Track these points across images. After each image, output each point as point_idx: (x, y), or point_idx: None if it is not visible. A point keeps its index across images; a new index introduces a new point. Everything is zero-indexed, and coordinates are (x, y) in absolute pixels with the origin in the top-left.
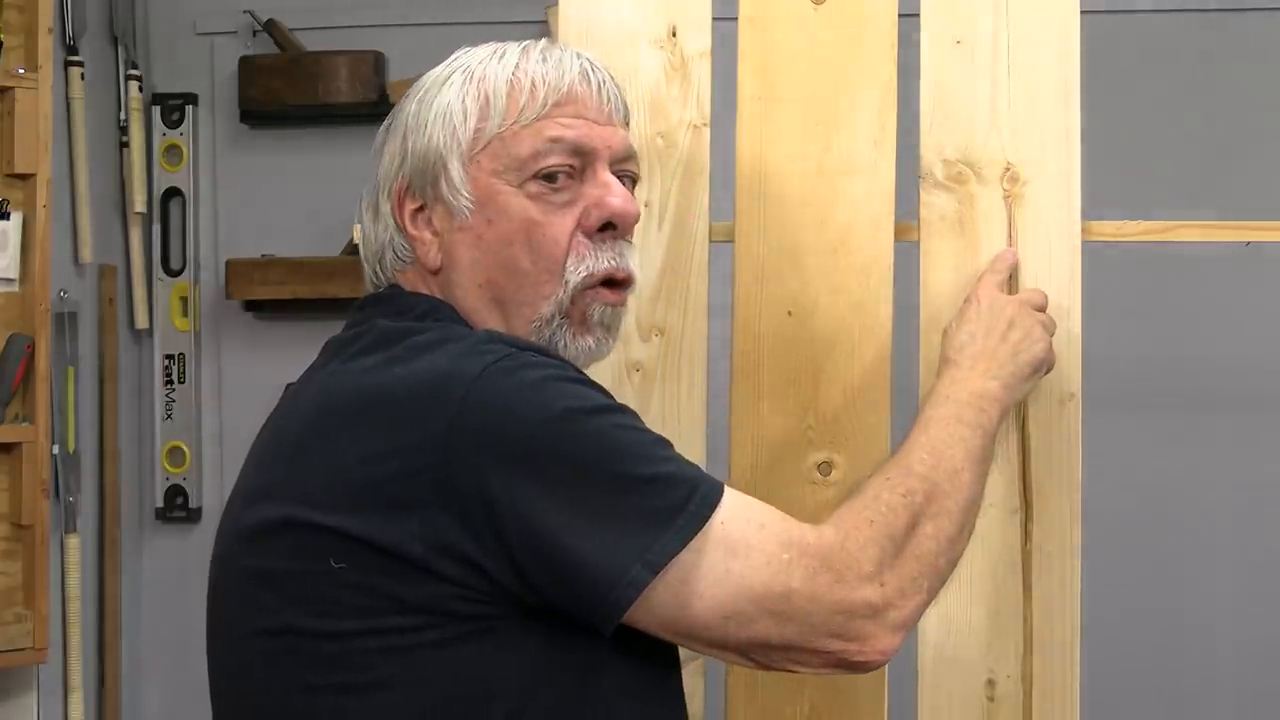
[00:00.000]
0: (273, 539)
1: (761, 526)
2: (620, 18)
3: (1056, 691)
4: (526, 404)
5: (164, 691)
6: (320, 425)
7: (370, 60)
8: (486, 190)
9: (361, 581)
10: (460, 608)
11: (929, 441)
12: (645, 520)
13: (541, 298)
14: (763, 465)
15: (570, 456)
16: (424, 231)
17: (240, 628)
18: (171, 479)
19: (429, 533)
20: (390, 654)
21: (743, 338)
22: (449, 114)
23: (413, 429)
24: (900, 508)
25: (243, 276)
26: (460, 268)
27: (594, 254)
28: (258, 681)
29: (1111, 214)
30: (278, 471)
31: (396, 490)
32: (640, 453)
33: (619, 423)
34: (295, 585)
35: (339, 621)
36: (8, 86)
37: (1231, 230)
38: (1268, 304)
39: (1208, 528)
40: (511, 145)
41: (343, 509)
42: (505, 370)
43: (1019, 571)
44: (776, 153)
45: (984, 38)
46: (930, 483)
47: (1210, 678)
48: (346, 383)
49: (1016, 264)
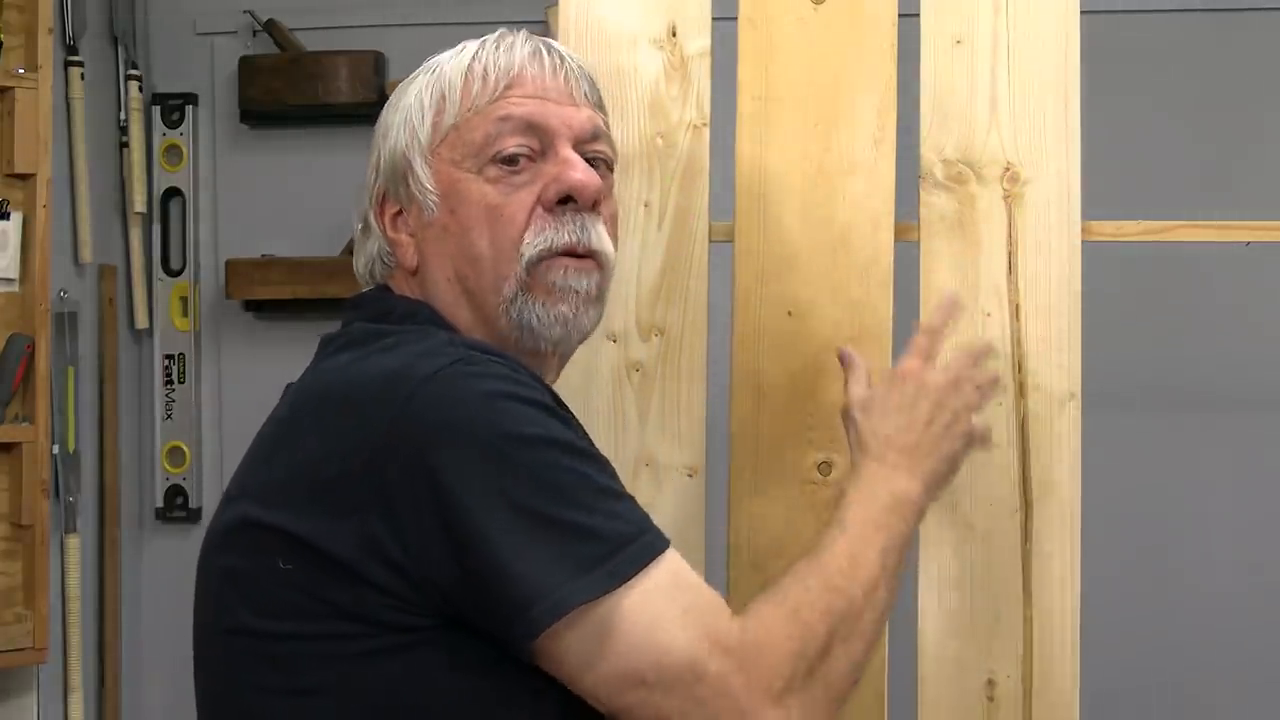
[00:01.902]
0: (236, 537)
1: (685, 611)
2: (620, 18)
3: (1056, 691)
4: (472, 412)
5: (164, 691)
6: (289, 424)
7: (370, 60)
8: (448, 181)
9: (305, 584)
10: (392, 618)
11: (849, 548)
12: (560, 564)
13: (502, 279)
14: (763, 465)
15: (499, 480)
16: (401, 234)
17: (209, 626)
18: (171, 479)
19: (362, 537)
20: (330, 660)
21: (743, 338)
22: (409, 113)
23: (358, 429)
24: (819, 626)
25: (243, 276)
26: (431, 263)
27: (553, 226)
28: (221, 680)
29: (1111, 214)
30: (253, 471)
31: (338, 491)
32: (568, 496)
33: (553, 460)
34: (249, 585)
35: (285, 623)
36: (8, 86)
37: (1231, 230)
38: (1268, 304)
39: (1208, 528)
40: (466, 133)
41: (291, 508)
42: (458, 375)
43: (1019, 571)
44: (776, 153)
45: (984, 38)
46: (848, 599)
47: (1210, 678)
48: (317, 382)
49: (954, 313)
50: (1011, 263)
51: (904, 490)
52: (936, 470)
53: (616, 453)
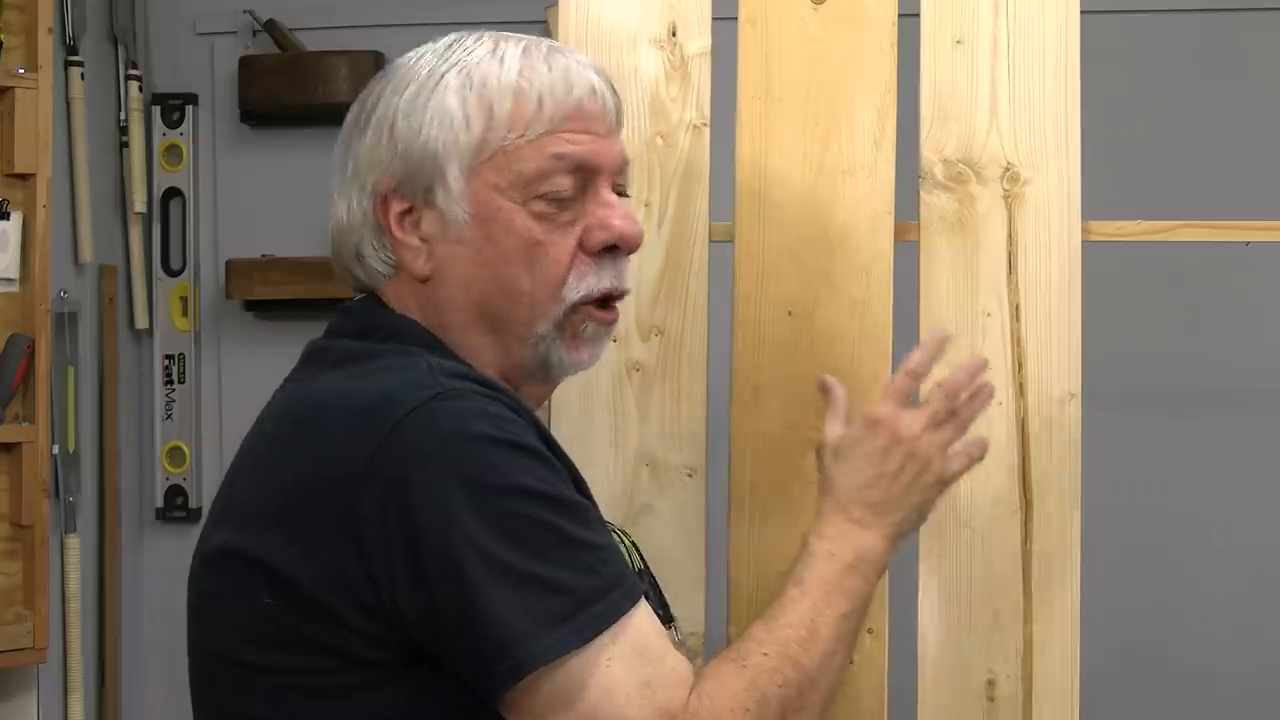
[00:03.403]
0: (219, 564)
1: (646, 684)
2: (620, 18)
3: (1056, 691)
4: (448, 454)
5: (164, 691)
6: (270, 443)
7: (370, 60)
8: (488, 206)
9: (283, 617)
10: (367, 654)
11: (808, 611)
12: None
13: (538, 316)
14: (763, 465)
15: (470, 527)
16: (410, 236)
17: (196, 649)
18: (171, 479)
19: (335, 571)
20: (308, 694)
21: (743, 338)
22: (449, 118)
23: (334, 458)
24: (773, 700)
25: (243, 276)
26: (452, 282)
27: (595, 273)
28: (210, 702)
29: (1111, 214)
30: (234, 492)
31: (309, 523)
32: (536, 549)
33: (530, 513)
34: (234, 614)
35: (265, 654)
36: (8, 86)
37: (1231, 230)
38: (1268, 304)
39: (1207, 528)
40: (515, 160)
41: (266, 538)
42: (439, 413)
43: (1019, 571)
44: (776, 153)
45: (984, 38)
46: (802, 671)
47: (1210, 678)
48: (298, 402)
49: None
50: (1011, 263)
51: (868, 548)
52: (904, 521)
53: (617, 453)
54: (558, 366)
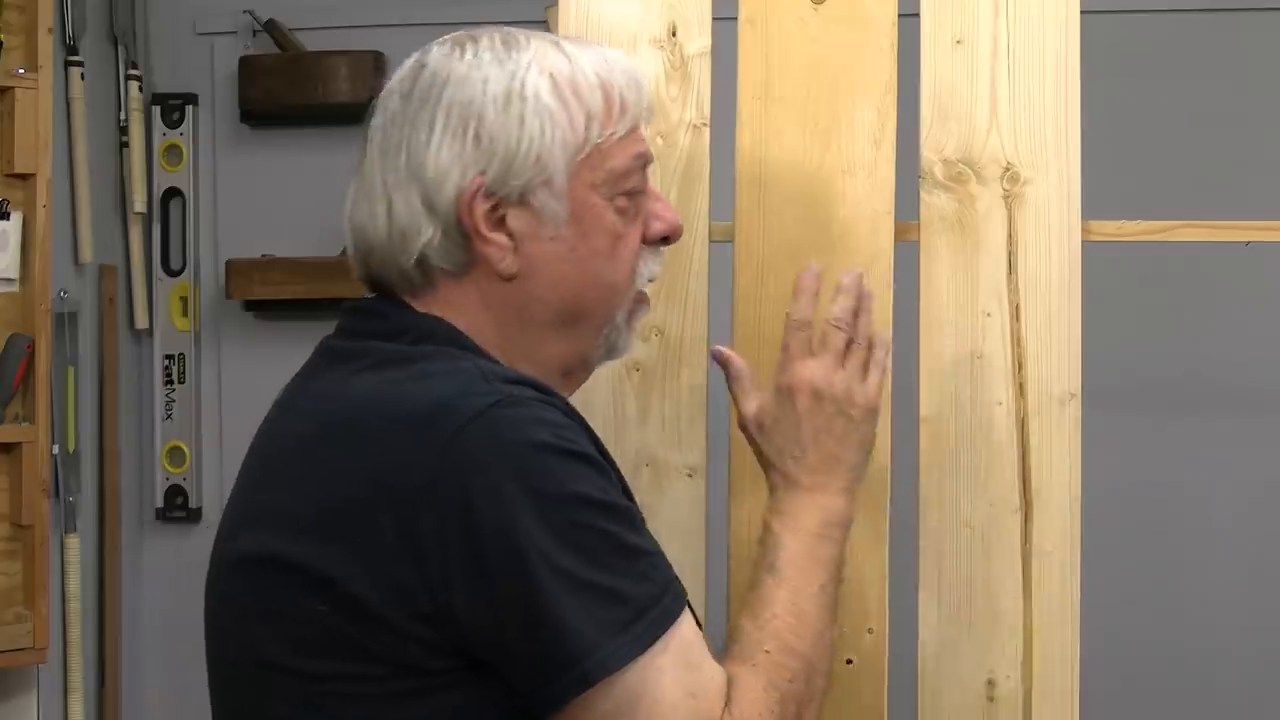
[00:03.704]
0: (259, 571)
1: (692, 695)
2: (620, 18)
3: (1056, 691)
4: (513, 464)
5: (164, 691)
6: (312, 447)
7: (370, 60)
8: (584, 203)
9: (335, 624)
10: (424, 662)
11: (790, 596)
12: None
13: (617, 306)
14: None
15: (533, 537)
16: (498, 235)
17: (228, 654)
18: (171, 479)
19: (393, 583)
20: (359, 700)
21: (743, 338)
22: (551, 117)
23: (393, 466)
24: (790, 698)
25: (243, 276)
26: (543, 279)
27: (650, 263)
28: (245, 709)
29: (1111, 214)
30: (266, 496)
31: (367, 531)
32: (600, 559)
33: (589, 520)
34: (280, 622)
35: (312, 661)
36: (8, 86)
37: (1231, 230)
38: (1268, 304)
39: (1208, 528)
40: (607, 159)
41: (317, 546)
42: (499, 421)
43: (1019, 571)
44: (776, 153)
45: (984, 38)
46: (804, 660)
47: (1210, 678)
48: (342, 406)
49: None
50: (1011, 263)
51: (829, 510)
52: (853, 469)
53: (617, 453)
54: (619, 351)
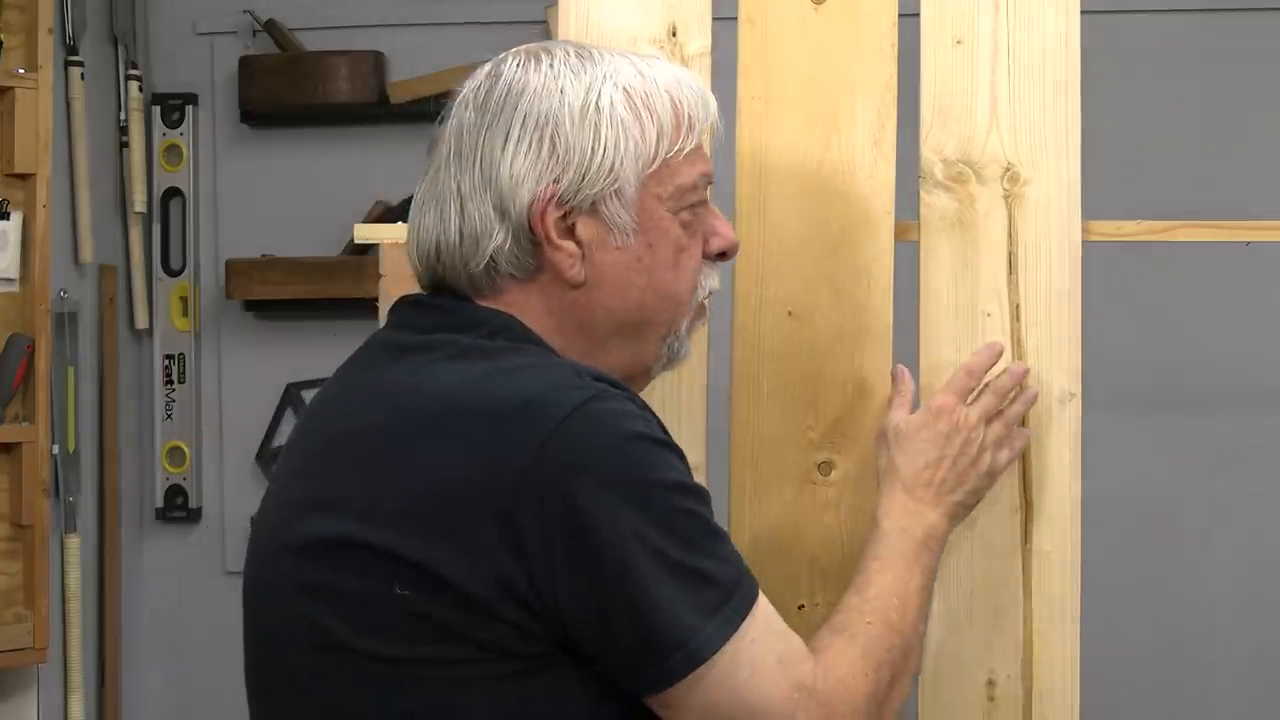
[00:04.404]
0: (332, 554)
1: (781, 660)
2: (620, 18)
3: (1056, 691)
4: (611, 458)
5: (164, 691)
6: (394, 434)
7: (370, 60)
8: (651, 215)
9: (421, 609)
10: (520, 646)
11: (896, 583)
12: (689, 610)
13: (680, 316)
14: (763, 465)
15: (633, 524)
16: (568, 242)
17: (289, 642)
18: (171, 479)
19: (492, 570)
20: (442, 684)
21: (743, 338)
22: (626, 130)
23: (491, 456)
24: (885, 666)
25: (243, 276)
26: (609, 287)
27: (710, 277)
28: (307, 697)
29: (1111, 214)
30: (337, 483)
31: (465, 520)
32: (696, 544)
33: (686, 506)
34: (352, 605)
35: (394, 646)
36: (8, 86)
37: (1231, 230)
38: (1268, 304)
39: (1207, 527)
40: (675, 174)
41: (409, 533)
42: (601, 413)
43: (1019, 571)
44: (776, 153)
45: (984, 38)
46: (903, 638)
47: (1210, 678)
48: (428, 391)
49: (996, 359)
50: (1011, 263)
51: (933, 525)
52: (962, 504)
53: None
54: (678, 360)
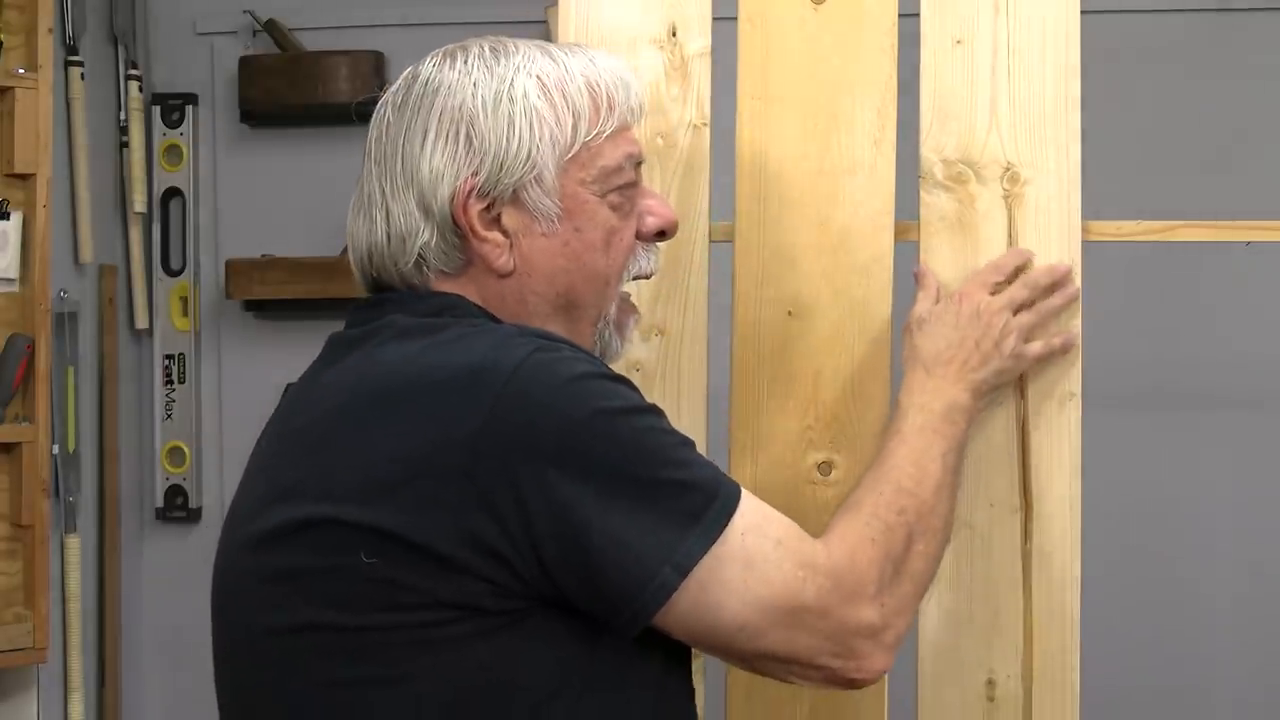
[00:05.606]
0: (296, 536)
1: (778, 543)
2: (620, 18)
3: (1056, 691)
4: (562, 401)
5: (164, 691)
6: (348, 415)
7: (370, 60)
8: (576, 199)
9: (391, 576)
10: (490, 603)
11: (911, 454)
12: (670, 524)
13: (609, 299)
14: (763, 465)
15: (601, 457)
16: (493, 233)
17: (254, 631)
18: (171, 479)
19: (462, 529)
20: (417, 647)
21: (743, 338)
22: (539, 119)
23: (446, 423)
24: (897, 526)
25: (243, 276)
26: (538, 274)
27: (644, 257)
28: (274, 683)
29: (1111, 214)
30: (297, 471)
31: (429, 486)
32: (667, 456)
33: (648, 424)
34: (317, 581)
35: (364, 615)
36: (8, 86)
37: (1231, 230)
38: (1268, 304)
39: (1208, 528)
40: (597, 157)
41: (373, 504)
42: (541, 365)
43: (1019, 571)
44: (776, 153)
45: (984, 38)
46: (919, 499)
47: (1210, 677)
48: (377, 371)
49: (1025, 265)
50: None
51: (954, 398)
52: (985, 381)
53: None
54: (611, 354)
